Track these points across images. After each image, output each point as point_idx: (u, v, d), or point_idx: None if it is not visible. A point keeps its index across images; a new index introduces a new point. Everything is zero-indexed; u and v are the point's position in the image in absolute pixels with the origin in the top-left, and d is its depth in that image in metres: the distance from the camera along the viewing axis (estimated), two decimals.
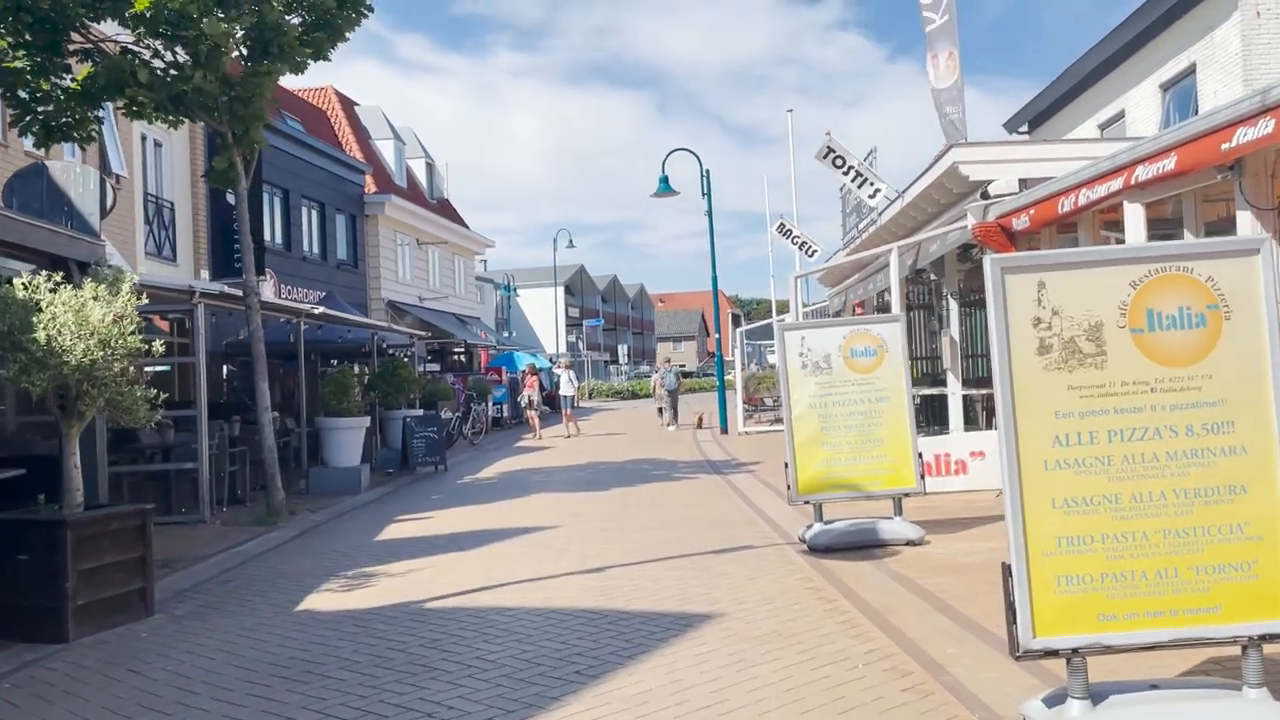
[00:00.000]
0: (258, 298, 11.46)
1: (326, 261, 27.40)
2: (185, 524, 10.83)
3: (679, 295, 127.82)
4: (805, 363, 8.37)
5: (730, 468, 15.34)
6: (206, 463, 10.90)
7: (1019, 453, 3.87)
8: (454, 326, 33.89)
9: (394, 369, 17.84)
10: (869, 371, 8.35)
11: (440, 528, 10.16)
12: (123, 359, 6.46)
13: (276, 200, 25.06)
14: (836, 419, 8.33)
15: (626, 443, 21.83)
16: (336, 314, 15.87)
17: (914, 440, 8.34)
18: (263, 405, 11.36)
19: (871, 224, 16.00)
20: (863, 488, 8.29)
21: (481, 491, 13.47)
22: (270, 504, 11.24)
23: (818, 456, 8.32)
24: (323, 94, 33.22)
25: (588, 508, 11.12)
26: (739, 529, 9.35)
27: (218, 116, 11.05)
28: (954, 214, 13.00)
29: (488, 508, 11.64)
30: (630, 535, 9.10)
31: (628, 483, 13.59)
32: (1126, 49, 16.78)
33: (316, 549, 9.26)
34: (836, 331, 8.47)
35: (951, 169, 11.50)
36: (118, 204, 17.81)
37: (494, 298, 61.76)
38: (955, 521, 8.97)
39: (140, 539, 6.58)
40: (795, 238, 20.78)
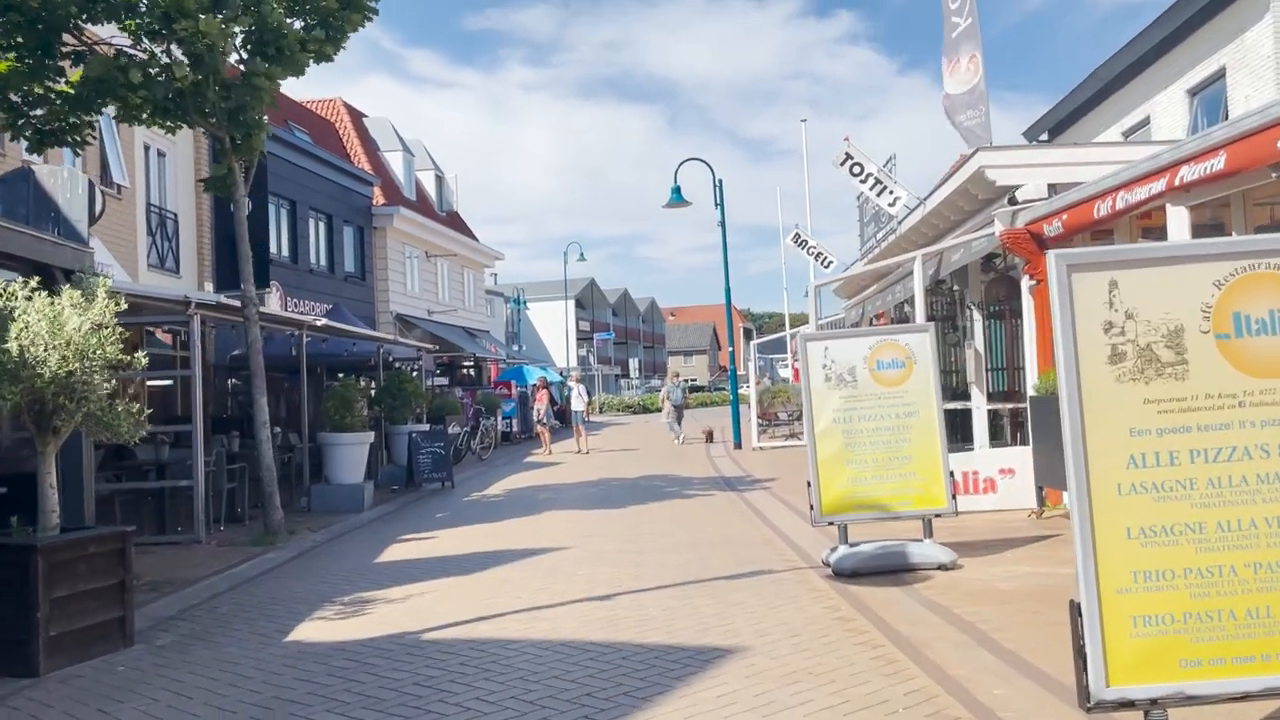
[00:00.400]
0: (256, 309, 11.06)
1: (334, 274, 27.08)
2: (180, 544, 10.41)
3: (690, 309, 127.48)
4: (829, 375, 7.90)
5: (745, 484, 14.85)
6: (202, 480, 10.48)
7: (1089, 476, 3.40)
8: (463, 340, 33.52)
9: (399, 383, 17.44)
10: (897, 385, 7.88)
11: (444, 549, 9.70)
12: (102, 371, 6.05)
13: (283, 212, 24.77)
14: (862, 435, 7.86)
15: (639, 458, 21.36)
16: (339, 326, 15.48)
17: (945, 458, 7.85)
18: (261, 420, 10.94)
19: (891, 233, 15.54)
20: (890, 508, 7.80)
21: (488, 509, 13.01)
22: (268, 523, 10.81)
23: (842, 475, 7.84)
24: (331, 105, 33.02)
25: (598, 527, 10.65)
26: (757, 550, 8.86)
27: (215, 121, 10.69)
28: (978, 221, 12.54)
29: (494, 527, 11.19)
30: (643, 557, 8.62)
31: (640, 500, 13.12)
32: (1152, 53, 16.30)
33: (313, 572, 8.81)
34: (862, 342, 8.00)
35: (977, 174, 11.04)
36: (119, 215, 17.51)
37: (504, 311, 61.47)
38: (987, 543, 8.47)
39: (120, 564, 6.15)
40: (811, 248, 20.33)
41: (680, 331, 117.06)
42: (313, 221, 26.22)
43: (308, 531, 11.33)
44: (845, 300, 23.71)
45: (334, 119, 32.35)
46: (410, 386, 17.40)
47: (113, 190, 17.17)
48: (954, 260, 12.75)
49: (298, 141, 25.06)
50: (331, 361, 20.83)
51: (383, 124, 34.04)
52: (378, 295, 29.75)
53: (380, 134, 33.56)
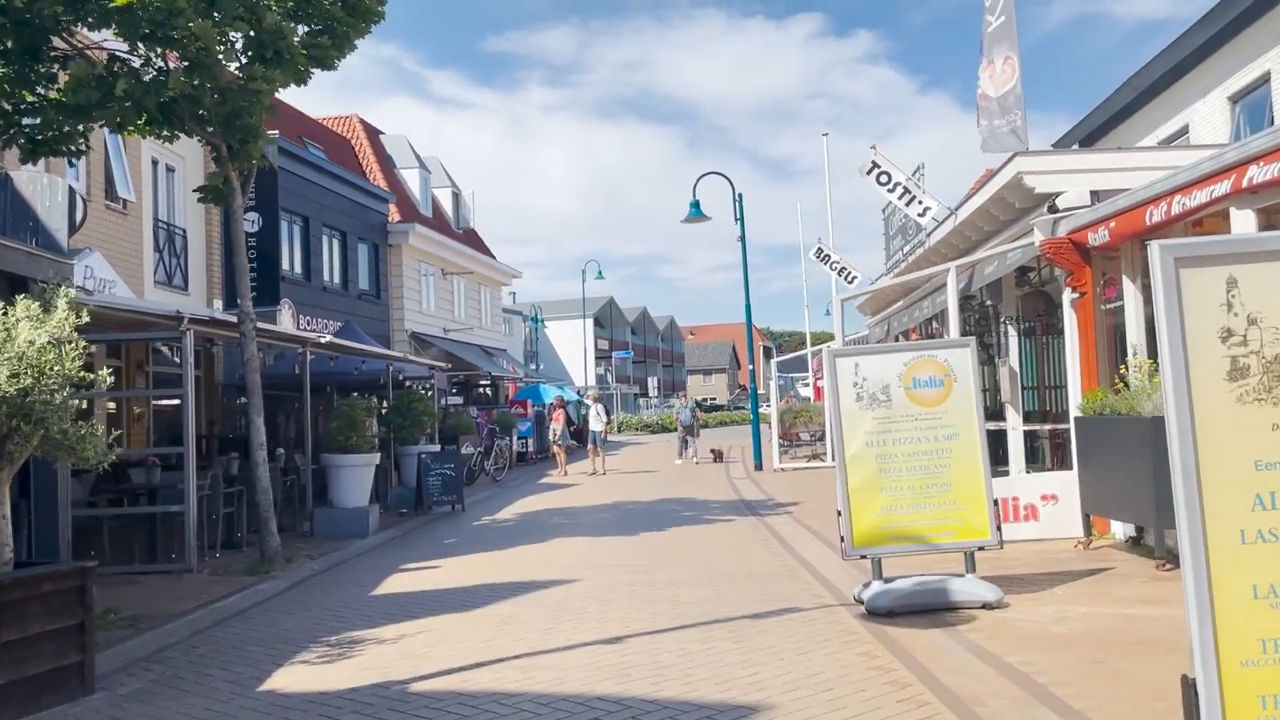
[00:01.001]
0: (253, 324, 10.53)
1: (348, 291, 26.65)
2: (170, 573, 9.84)
3: (709, 327, 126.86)
4: (860, 394, 7.25)
5: (767, 509, 14.17)
6: (194, 505, 9.91)
7: (1204, 520, 2.75)
8: (479, 359, 33.02)
9: (409, 402, 16.90)
10: (935, 405, 7.22)
11: (447, 579, 9.08)
12: (62, 389, 5.50)
13: (296, 228, 24.37)
14: (897, 459, 7.20)
15: (656, 481, 20.70)
16: (344, 343, 14.96)
17: (989, 485, 7.17)
18: (257, 441, 10.39)
19: (919, 245, 14.88)
20: (928, 540, 7.13)
21: (498, 535, 12.40)
22: (264, 551, 10.24)
23: (875, 503, 7.17)
24: (347, 123, 32.76)
25: (612, 556, 10.00)
26: (782, 584, 8.19)
27: (211, 129, 10.21)
28: (1014, 232, 11.87)
29: (503, 555, 10.56)
30: (658, 592, 7.97)
31: (657, 526, 12.47)
32: (1191, 59, 15.60)
33: (305, 605, 8.21)
34: (896, 358, 7.35)
35: (1014, 181, 10.38)
36: (124, 230, 17.11)
37: (522, 330, 61.07)
38: (1033, 578, 7.78)
39: (80, 602, 5.57)
40: (834, 263, 19.69)
41: (699, 350, 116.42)
42: (326, 238, 25.82)
43: (306, 559, 10.75)
44: (869, 317, 23.03)
45: (350, 136, 32.08)
46: (420, 406, 16.85)
47: (118, 205, 16.79)
48: (987, 273, 12.08)
49: (311, 158, 24.71)
50: (342, 380, 20.33)
51: (399, 141, 33.73)
52: (393, 313, 29.31)
53: (396, 151, 33.25)
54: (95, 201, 16.13)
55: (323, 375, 19.43)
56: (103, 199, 16.35)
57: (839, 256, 19.66)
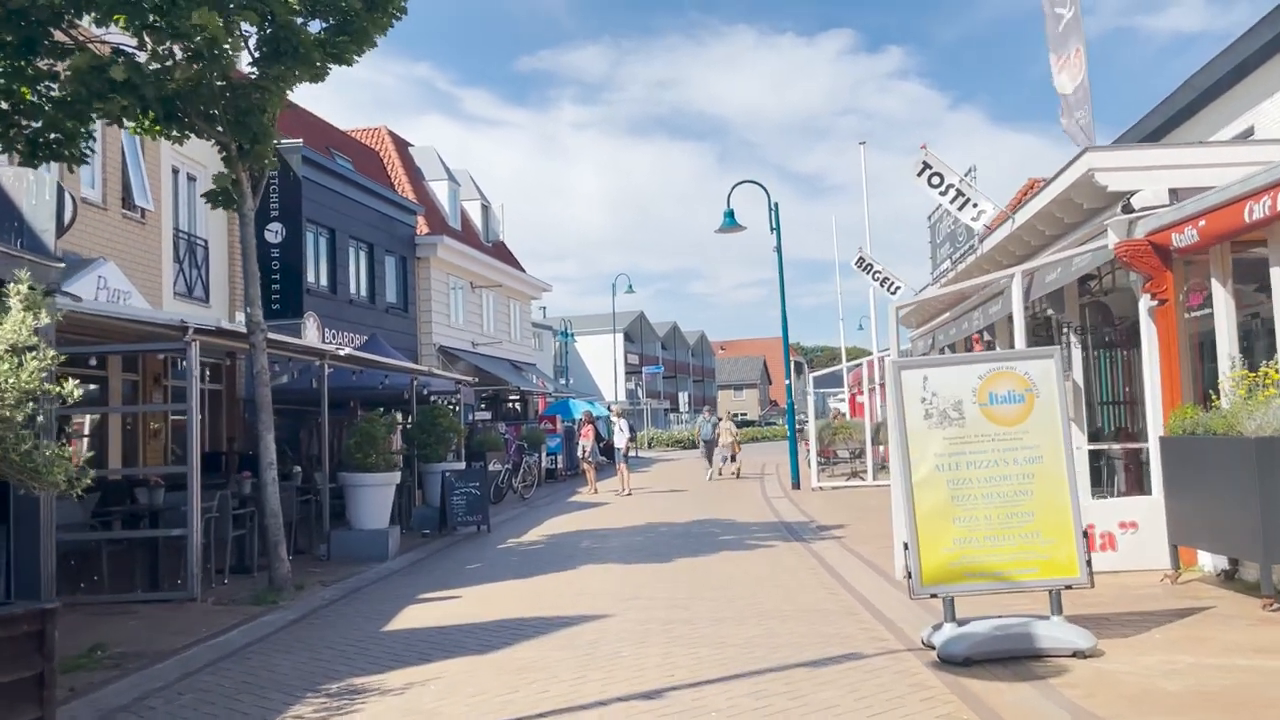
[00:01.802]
0: (263, 334, 9.88)
1: (375, 304, 26.14)
2: (172, 602, 9.18)
3: (740, 342, 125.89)
4: (929, 411, 6.42)
5: (810, 532, 13.30)
6: (198, 529, 9.25)
7: None
8: (508, 373, 32.42)
9: (434, 418, 16.23)
10: (1014, 423, 6.37)
11: (466, 613, 8.32)
12: (22, 406, 4.81)
13: (322, 240, 23.92)
14: (972, 485, 6.35)
15: (689, 500, 19.86)
16: (365, 356, 14.31)
17: (1077, 515, 6.30)
18: (267, 460, 9.71)
19: (970, 251, 13.99)
20: (1008, 577, 6.26)
21: (524, 560, 11.63)
22: (272, 578, 9.54)
23: (947, 535, 6.33)
24: (376, 134, 32.39)
25: (646, 587, 9.20)
26: (838, 623, 7.34)
27: (220, 127, 9.59)
28: (1079, 236, 10.97)
29: (528, 584, 9.79)
30: (699, 632, 7.15)
31: (693, 551, 11.65)
32: (1257, 56, 14.61)
33: (309, 643, 7.48)
34: (970, 370, 6.52)
35: (1084, 179, 9.51)
36: (142, 240, 16.62)
37: (552, 345, 60.52)
38: (1121, 619, 6.88)
39: (38, 651, 4.86)
40: (876, 272, 18.81)
41: (730, 365, 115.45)
42: (353, 250, 25.35)
43: (319, 586, 10.05)
44: (911, 330, 22.10)
45: (378, 147, 31.69)
46: (445, 422, 16.17)
47: (136, 214, 16.31)
48: (1048, 281, 11.19)
49: (338, 168, 24.26)
50: (365, 395, 19.75)
51: (428, 153, 33.31)
52: (420, 327, 28.79)
53: (425, 163, 32.82)
54: (112, 210, 15.67)
55: (345, 390, 18.85)
56: (120, 208, 15.88)
57: (881, 266, 18.79)
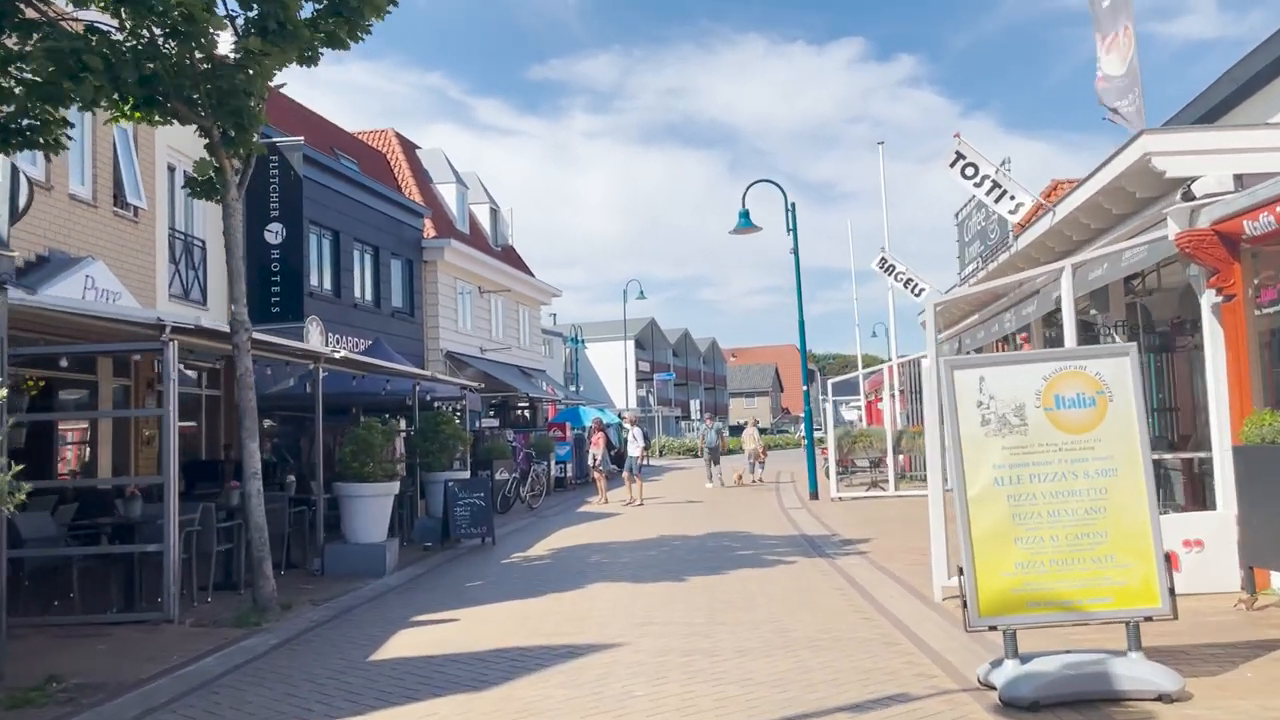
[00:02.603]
0: (248, 335, 9.16)
1: (380, 309, 25.46)
2: (147, 623, 8.46)
3: (752, 349, 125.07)
4: (986, 416, 5.64)
5: (833, 547, 12.49)
6: (175, 543, 8.52)
7: None
8: (517, 379, 31.69)
9: (437, 425, 15.50)
10: (1084, 430, 5.58)
11: (462, 639, 7.56)
12: None
13: (325, 242, 23.26)
14: (1035, 501, 5.57)
15: (703, 511, 19.07)
16: (362, 359, 13.59)
17: (1158, 535, 5.50)
18: (250, 470, 8.98)
19: (1004, 248, 13.19)
20: (1079, 607, 5.47)
21: (528, 577, 10.86)
22: (256, 598, 8.81)
23: (1008, 558, 5.54)
24: (383, 136, 31.79)
25: (660, 610, 8.42)
26: (877, 655, 6.54)
27: (202, 110, 8.89)
28: (1129, 229, 10.18)
29: (532, 605, 9.02)
30: (723, 665, 6.37)
31: (709, 568, 10.86)
32: None
33: (288, 673, 6.73)
34: (1033, 370, 5.72)
35: (1140, 164, 8.72)
36: (134, 239, 15.94)
37: (562, 352, 59.83)
38: (1200, 652, 6.08)
39: None
40: (899, 273, 18.02)
41: (741, 373, 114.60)
42: (357, 253, 24.68)
43: (308, 605, 9.31)
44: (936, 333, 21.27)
45: (385, 150, 31.09)
46: (449, 429, 15.44)
47: (128, 212, 15.64)
48: (1092, 278, 10.39)
49: (343, 169, 23.61)
50: (368, 401, 19.07)
51: (436, 155, 32.68)
52: (427, 332, 28.10)
53: (433, 166, 32.19)
54: (102, 208, 15.01)
55: (346, 396, 18.13)
56: (111, 205, 15.22)
57: (904, 266, 17.99)
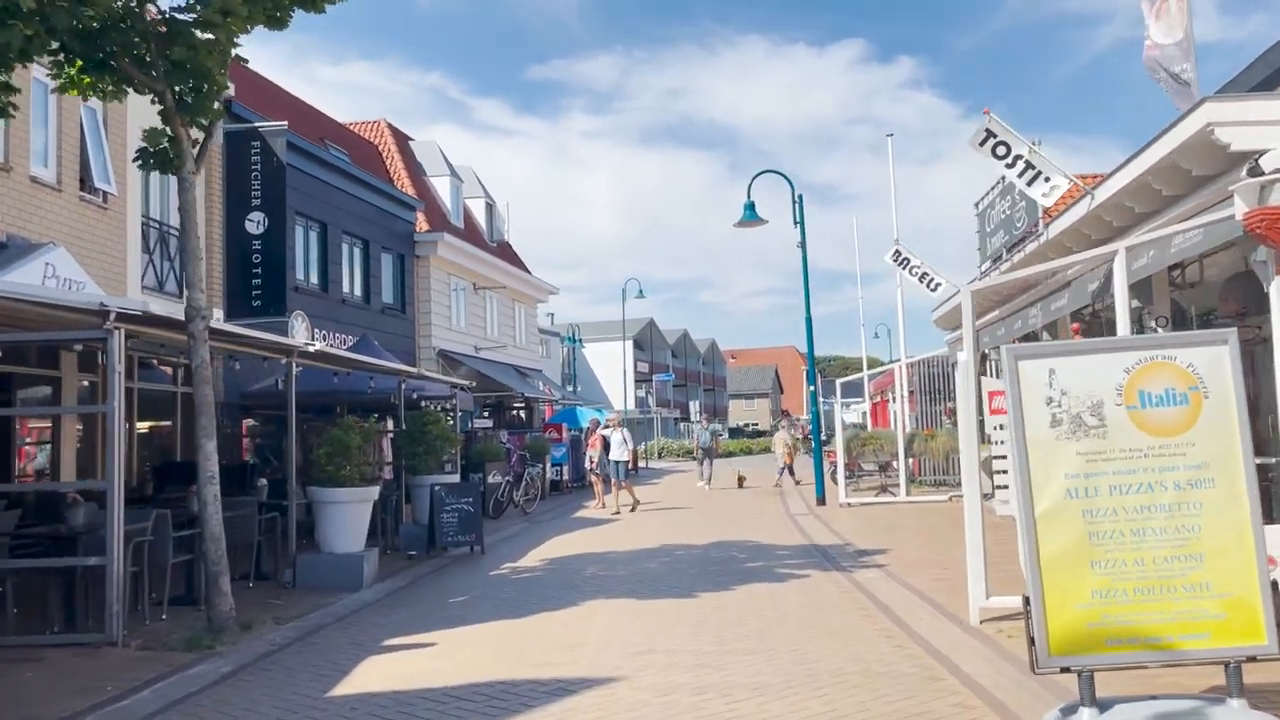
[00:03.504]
0: (204, 322, 8.22)
1: (370, 305, 24.50)
2: (87, 645, 7.53)
3: (751, 351, 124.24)
4: (1057, 416, 4.72)
5: (849, 559, 11.57)
6: (118, 558, 7.58)
7: None
8: (512, 379, 30.74)
9: (424, 425, 14.57)
10: (1175, 433, 4.67)
11: (438, 670, 6.64)
12: None
13: (312, 235, 22.29)
14: (1116, 518, 4.65)
15: (705, 517, 18.14)
16: (340, 354, 12.66)
17: (1262, 556, 4.59)
18: (206, 474, 8.04)
19: (1034, 236, 12.27)
20: (1169, 644, 4.55)
21: (518, 593, 9.93)
22: (211, 617, 7.88)
23: (1083, 586, 4.62)
24: (375, 127, 30.86)
25: (663, 634, 7.49)
26: (919, 695, 5.62)
27: (152, 70, 7.97)
28: (1182, 210, 9.26)
29: (519, 627, 8.08)
30: (738, 708, 5.43)
31: (716, 583, 9.94)
32: None
33: (233, 712, 5.80)
34: (1113, 361, 4.81)
35: (1200, 136, 7.80)
36: (102, 227, 14.97)
37: (560, 352, 58.93)
38: None
39: None
40: (914, 267, 17.11)
41: (741, 374, 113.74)
42: (346, 246, 23.72)
43: (271, 624, 8.37)
44: (947, 332, 20.37)
45: (377, 140, 30.15)
46: (436, 429, 14.50)
47: (96, 198, 14.71)
48: (1137, 266, 9.47)
49: (331, 159, 22.65)
50: (353, 399, 18.14)
51: (429, 148, 31.75)
52: (419, 329, 27.15)
53: (427, 158, 31.24)
54: (67, 191, 14.07)
55: (330, 394, 17.22)
56: (77, 189, 14.28)
57: (920, 260, 17.08)
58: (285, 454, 10.95)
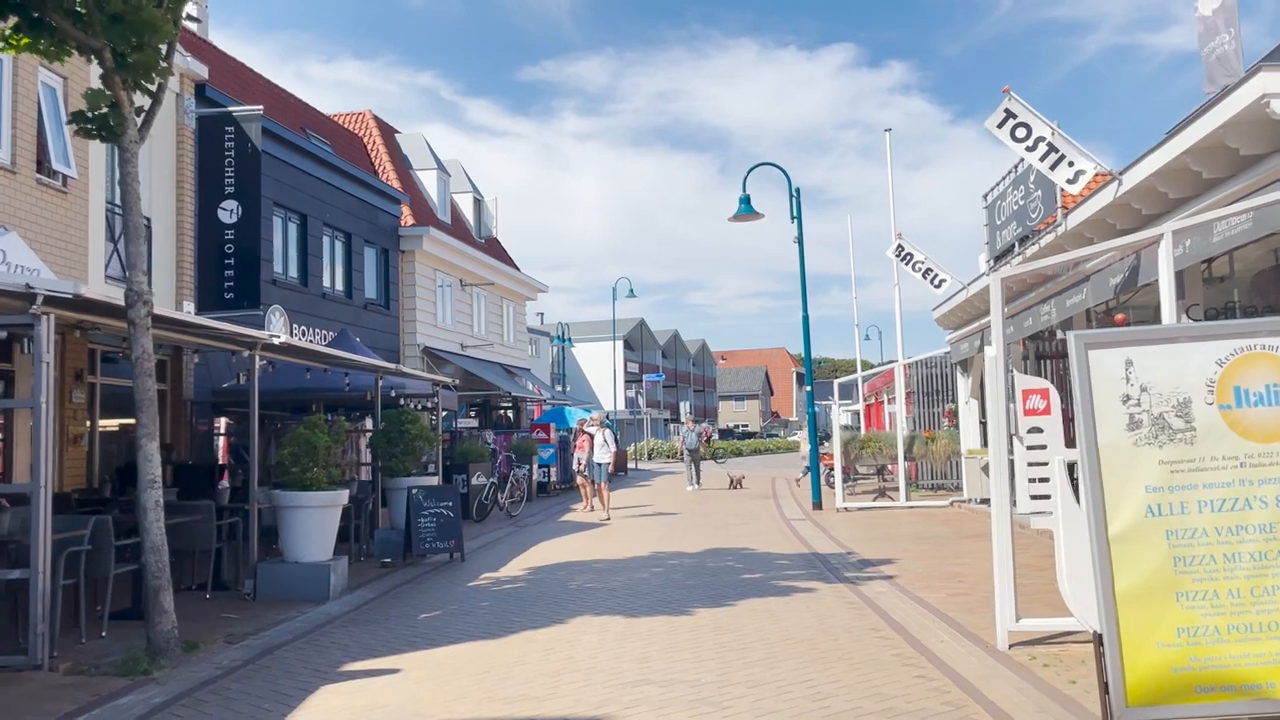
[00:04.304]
0: (146, 307, 7.37)
1: (352, 300, 23.65)
2: (8, 669, 6.69)
3: (741, 353, 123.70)
4: (1136, 417, 3.95)
5: (853, 569, 10.80)
6: (44, 570, 6.74)
7: None
8: (500, 378, 29.90)
9: (401, 424, 13.73)
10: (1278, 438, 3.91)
11: (399, 706, 5.82)
12: None
13: (292, 227, 21.43)
14: (1208, 540, 3.88)
15: (697, 522, 17.35)
16: (309, 347, 11.80)
17: None
18: (147, 477, 7.19)
19: (1052, 229, 11.51)
20: (1272, 693, 3.79)
21: (496, 608, 9.11)
22: (151, 637, 7.04)
23: (1167, 622, 3.85)
24: (359, 119, 29.99)
25: (657, 660, 6.69)
26: None
27: (89, 26, 7.13)
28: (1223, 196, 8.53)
29: (494, 650, 7.26)
30: None
31: (713, 597, 9.14)
32: None
33: None
34: (1202, 351, 4.03)
35: (1255, 109, 7.06)
36: (60, 212, 14.09)
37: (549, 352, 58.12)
38: None
39: None
40: (917, 262, 16.35)
41: (731, 375, 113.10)
42: (328, 239, 22.87)
43: (221, 644, 7.54)
44: (948, 332, 19.63)
45: (361, 132, 29.29)
46: (415, 429, 13.66)
47: (55, 181, 13.83)
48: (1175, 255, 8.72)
49: (313, 148, 21.78)
50: (330, 397, 17.32)
51: (416, 140, 30.89)
52: (404, 326, 26.32)
53: (413, 151, 30.39)
54: (22, 174, 13.19)
55: (304, 392, 16.40)
56: (33, 171, 13.40)
57: (924, 255, 16.31)
58: (270, 454, 10.09)
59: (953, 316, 17.83)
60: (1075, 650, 6.45)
